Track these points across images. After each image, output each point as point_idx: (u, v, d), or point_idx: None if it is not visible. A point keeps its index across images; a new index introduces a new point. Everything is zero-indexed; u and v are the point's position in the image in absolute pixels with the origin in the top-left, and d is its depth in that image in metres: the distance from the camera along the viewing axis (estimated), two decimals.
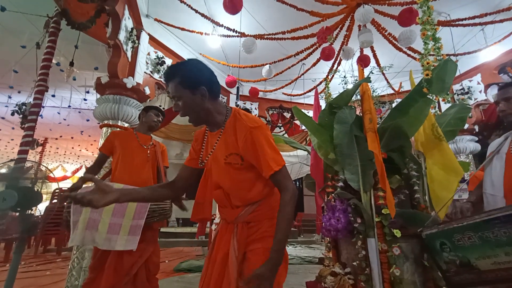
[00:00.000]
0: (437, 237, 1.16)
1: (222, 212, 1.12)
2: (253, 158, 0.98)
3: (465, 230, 1.04)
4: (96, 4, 2.94)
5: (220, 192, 1.07)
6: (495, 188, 1.27)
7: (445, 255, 1.14)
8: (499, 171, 1.29)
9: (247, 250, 1.01)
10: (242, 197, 1.04)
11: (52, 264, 4.32)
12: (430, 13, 1.84)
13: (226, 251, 1.02)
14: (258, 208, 1.03)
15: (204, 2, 4.07)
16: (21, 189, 1.93)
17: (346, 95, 1.97)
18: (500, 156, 1.34)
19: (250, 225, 1.03)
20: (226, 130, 1.02)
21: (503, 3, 3.98)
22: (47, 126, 9.14)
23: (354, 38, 4.26)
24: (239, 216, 1.03)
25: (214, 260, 1.05)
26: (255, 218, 1.03)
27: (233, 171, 1.01)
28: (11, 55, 4.98)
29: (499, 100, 1.37)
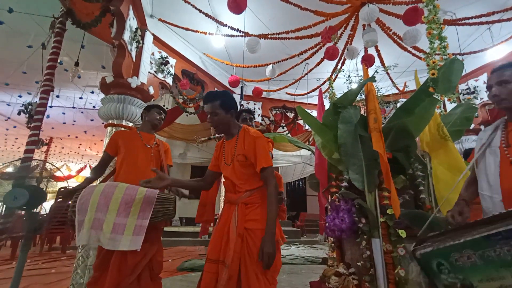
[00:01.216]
0: (433, 256, 1.00)
1: (228, 196, 1.50)
2: (252, 156, 1.43)
3: (463, 248, 0.91)
4: (101, 4, 2.96)
5: (229, 182, 1.49)
6: (492, 189, 1.14)
7: (443, 278, 0.98)
8: (494, 169, 1.16)
9: (248, 227, 1.36)
10: (243, 185, 1.45)
11: (57, 262, 4.37)
12: (436, 12, 1.82)
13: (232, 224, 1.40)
14: (253, 194, 1.44)
15: (208, 2, 4.08)
16: (30, 188, 1.95)
17: (351, 95, 1.96)
18: (493, 150, 1.20)
19: (247, 206, 1.42)
20: (239, 139, 1.50)
21: (510, 2, 3.93)
22: (52, 126, 9.24)
23: (358, 38, 4.24)
24: (240, 198, 1.43)
25: (221, 230, 1.41)
26: (251, 200, 1.43)
27: (239, 166, 1.46)
28: (17, 56, 5.04)
29: (492, 84, 1.20)
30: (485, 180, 1.19)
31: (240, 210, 1.41)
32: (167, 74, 4.42)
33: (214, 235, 1.43)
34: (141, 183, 1.38)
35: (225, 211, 1.49)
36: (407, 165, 1.75)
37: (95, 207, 1.54)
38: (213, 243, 1.40)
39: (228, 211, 1.46)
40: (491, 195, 1.14)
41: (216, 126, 1.50)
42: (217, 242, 1.39)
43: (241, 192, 1.45)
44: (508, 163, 1.11)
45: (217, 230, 1.44)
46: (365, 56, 4.37)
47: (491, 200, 1.14)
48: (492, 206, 1.13)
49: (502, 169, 1.13)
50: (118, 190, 1.62)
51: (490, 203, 1.14)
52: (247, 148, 1.45)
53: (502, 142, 1.17)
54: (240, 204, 1.43)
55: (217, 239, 1.40)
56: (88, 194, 1.59)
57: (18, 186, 2.17)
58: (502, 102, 1.17)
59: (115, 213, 1.55)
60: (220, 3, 4.04)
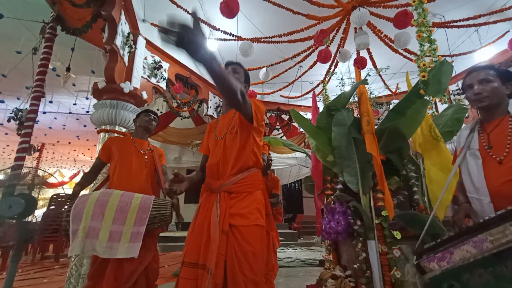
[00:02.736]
0: (443, 279, 0.98)
1: (209, 183, 1.27)
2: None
3: (473, 267, 0.90)
4: (92, 9, 2.94)
5: (213, 163, 1.26)
6: (480, 192, 1.14)
7: None
8: (477, 171, 1.16)
9: (232, 223, 1.12)
10: (229, 166, 1.22)
11: (50, 271, 4.27)
12: (425, 15, 1.86)
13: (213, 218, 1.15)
14: (240, 181, 1.20)
15: (200, 7, 4.08)
16: (25, 196, 1.91)
17: (344, 98, 1.98)
18: (472, 152, 1.20)
19: (231, 196, 1.18)
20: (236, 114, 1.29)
21: (496, 5, 4.03)
22: (43, 132, 9.08)
23: (350, 41, 4.29)
24: (223, 185, 1.19)
25: (200, 226, 1.16)
26: (237, 189, 1.19)
27: (231, 139, 1.24)
28: (6, 61, 4.96)
29: (473, 82, 1.19)
30: (470, 182, 1.19)
31: (223, 200, 1.15)
32: (161, 78, 4.40)
33: (192, 233, 1.17)
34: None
35: (204, 202, 1.22)
36: (401, 167, 1.77)
37: (90, 216, 1.52)
38: (190, 243, 1.15)
39: (207, 201, 1.20)
40: (479, 197, 1.14)
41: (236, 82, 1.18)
42: (195, 242, 1.13)
43: (225, 178, 1.21)
44: (495, 163, 1.11)
45: (195, 226, 1.18)
46: (357, 59, 4.43)
47: (479, 203, 1.14)
48: (481, 209, 1.13)
49: (487, 171, 1.13)
50: (113, 198, 1.60)
51: (479, 205, 1.14)
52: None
53: (483, 144, 1.17)
54: (223, 192, 1.18)
55: (195, 238, 1.14)
56: (83, 202, 1.57)
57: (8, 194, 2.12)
58: (484, 100, 1.17)
59: (111, 221, 1.53)
60: (213, 8, 4.04)
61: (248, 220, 1.14)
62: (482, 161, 1.15)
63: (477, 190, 1.15)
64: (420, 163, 1.86)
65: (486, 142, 1.16)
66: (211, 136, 1.37)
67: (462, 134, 1.32)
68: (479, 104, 1.19)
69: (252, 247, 1.09)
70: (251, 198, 1.20)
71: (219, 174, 1.23)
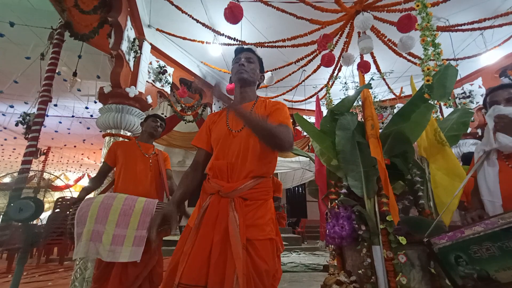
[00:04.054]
0: (452, 250, 1.07)
1: (215, 184, 1.03)
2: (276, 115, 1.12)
3: (482, 240, 0.98)
4: (99, 15, 3.00)
5: (224, 162, 1.06)
6: (493, 195, 1.26)
7: (461, 269, 1.05)
8: (493, 178, 1.29)
9: (249, 238, 0.95)
10: (247, 167, 1.04)
11: (54, 274, 4.29)
12: (429, 19, 1.85)
13: (225, 226, 0.94)
14: (256, 186, 1.04)
15: (205, 12, 4.14)
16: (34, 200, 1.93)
17: (348, 102, 1.98)
18: (491, 161, 1.33)
19: (246, 203, 1.00)
20: (257, 103, 1.20)
21: (502, 8, 4.01)
22: (50, 135, 9.21)
23: (354, 45, 4.30)
24: (238, 189, 1.00)
25: (206, 237, 0.94)
26: (252, 195, 1.02)
27: (251, 137, 1.06)
28: (16, 66, 5.06)
29: (499, 100, 1.32)
30: (485, 187, 1.32)
31: (239, 208, 0.97)
32: (165, 83, 4.45)
33: (193, 246, 0.94)
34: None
35: (211, 208, 1.00)
36: (406, 171, 1.76)
37: (94, 219, 1.53)
38: (191, 259, 0.91)
39: (215, 208, 0.99)
40: (492, 199, 1.27)
41: (247, 71, 1.19)
42: (199, 258, 0.90)
43: (239, 180, 1.02)
44: (511, 171, 1.25)
45: (198, 237, 0.95)
46: (361, 63, 4.43)
47: (492, 205, 1.26)
48: (493, 210, 1.24)
49: (502, 177, 1.26)
50: (117, 201, 1.61)
51: (491, 207, 1.27)
52: (269, 111, 1.14)
53: (501, 154, 1.31)
54: (237, 198, 0.99)
55: (198, 253, 0.91)
56: (87, 205, 1.58)
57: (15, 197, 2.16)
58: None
59: (114, 224, 1.54)
60: (217, 13, 4.10)
61: (263, 233, 0.98)
62: (499, 168, 1.29)
63: (491, 193, 1.28)
64: (425, 167, 1.84)
65: (504, 153, 1.31)
66: (218, 128, 1.14)
67: (481, 144, 1.45)
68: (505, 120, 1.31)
69: (267, 265, 0.94)
70: (267, 206, 1.05)
71: (232, 175, 1.04)
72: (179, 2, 3.78)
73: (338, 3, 3.52)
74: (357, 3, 3.65)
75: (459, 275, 1.06)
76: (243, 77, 1.19)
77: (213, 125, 1.20)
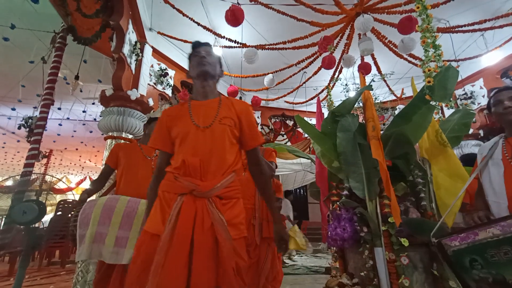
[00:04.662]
0: (467, 253, 1.03)
1: (189, 185, 0.96)
2: (247, 125, 1.11)
3: (501, 244, 0.95)
4: (101, 19, 3.03)
5: (195, 160, 0.98)
6: (498, 196, 1.26)
7: (475, 273, 1.01)
8: (498, 179, 1.28)
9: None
10: (220, 164, 1.01)
11: (56, 277, 4.29)
12: (429, 21, 1.86)
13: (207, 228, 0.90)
14: (231, 184, 1.02)
15: (206, 15, 4.16)
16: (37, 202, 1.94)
17: (349, 103, 1.98)
18: (495, 162, 1.33)
19: (222, 202, 0.98)
20: (223, 101, 1.14)
21: (502, 9, 4.01)
22: (52, 138, 9.25)
23: (354, 46, 4.31)
24: (215, 187, 0.96)
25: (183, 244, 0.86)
26: (227, 194, 1.00)
27: (222, 132, 1.04)
28: (19, 70, 5.10)
29: (504, 98, 1.34)
30: (490, 188, 1.31)
31: (220, 207, 0.95)
32: (166, 85, 4.47)
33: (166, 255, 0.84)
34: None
35: (186, 208, 0.92)
36: (407, 172, 1.75)
37: (97, 221, 1.53)
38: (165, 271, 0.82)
39: (191, 210, 0.91)
40: (497, 200, 1.26)
41: (210, 63, 1.13)
42: (176, 268, 0.83)
43: (214, 179, 0.97)
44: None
45: (174, 244, 0.86)
46: (361, 65, 4.43)
47: (497, 206, 1.26)
48: (498, 211, 1.24)
49: (507, 178, 1.25)
50: (120, 204, 1.61)
51: (496, 208, 1.26)
52: (239, 112, 1.10)
53: (505, 155, 1.31)
54: (215, 198, 0.96)
55: (175, 260, 0.83)
56: (90, 208, 1.59)
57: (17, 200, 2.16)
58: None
59: (117, 227, 1.54)
60: (218, 16, 4.12)
61: (239, 232, 0.98)
62: (504, 169, 1.28)
63: (497, 194, 1.27)
64: (427, 168, 1.84)
65: (509, 154, 1.31)
66: (181, 123, 1.06)
67: (485, 145, 1.46)
68: (508, 117, 1.33)
69: (245, 262, 0.96)
70: (240, 205, 1.05)
71: (205, 173, 0.98)
72: (180, 6, 3.81)
73: (339, 5, 3.54)
74: (358, 5, 3.66)
75: (472, 279, 1.02)
76: (206, 69, 1.12)
77: (172, 121, 1.09)
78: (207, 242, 0.88)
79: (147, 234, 0.95)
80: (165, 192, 1.00)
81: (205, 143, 1.01)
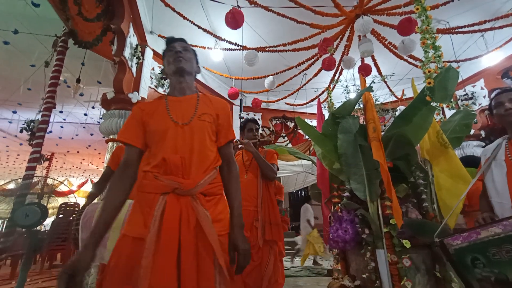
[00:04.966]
0: (469, 251, 1.02)
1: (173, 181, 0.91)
2: (225, 122, 1.10)
3: (502, 242, 0.94)
4: (102, 23, 3.05)
5: (177, 157, 0.94)
6: (501, 196, 1.27)
7: (477, 272, 1.00)
8: (501, 179, 1.29)
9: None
10: (202, 161, 0.98)
11: None
12: (429, 22, 1.86)
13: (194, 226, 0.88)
14: (214, 181, 1.00)
15: (206, 18, 4.18)
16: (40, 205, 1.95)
17: (349, 105, 1.98)
18: (498, 163, 1.34)
19: (206, 198, 0.96)
20: (201, 97, 1.12)
21: (502, 10, 4.02)
22: (54, 141, 9.29)
23: (354, 48, 4.32)
24: (199, 184, 0.93)
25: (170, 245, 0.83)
26: (211, 191, 0.98)
27: (202, 128, 1.01)
28: (21, 74, 5.14)
29: (504, 100, 1.37)
30: (493, 188, 1.32)
31: (205, 204, 0.94)
32: (167, 88, 4.49)
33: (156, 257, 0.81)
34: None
35: (171, 208, 0.88)
36: (409, 174, 1.75)
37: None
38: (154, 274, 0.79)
39: (175, 209, 0.88)
40: (500, 201, 1.27)
41: (186, 59, 1.09)
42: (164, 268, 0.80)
43: (197, 176, 0.95)
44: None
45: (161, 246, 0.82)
46: (361, 66, 4.44)
47: (501, 206, 1.27)
48: (502, 212, 1.25)
49: (510, 179, 1.26)
50: None
51: (500, 209, 1.27)
52: (217, 109, 1.09)
53: (508, 156, 1.32)
54: (199, 195, 0.94)
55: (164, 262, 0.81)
56: (92, 211, 1.59)
57: (19, 203, 2.17)
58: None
59: (118, 230, 1.54)
60: (218, 19, 4.14)
61: (224, 228, 0.97)
62: (506, 170, 1.29)
63: (500, 194, 1.28)
64: (429, 170, 1.83)
65: (511, 154, 1.32)
66: (158, 119, 1.01)
67: (489, 147, 1.47)
68: (509, 119, 1.35)
69: (228, 256, 0.95)
70: (224, 202, 1.03)
71: (188, 170, 0.95)
72: (180, 9, 3.83)
73: (338, 8, 3.55)
74: (357, 7, 3.67)
75: (475, 278, 1.01)
76: (182, 66, 1.08)
77: (147, 116, 1.03)
78: (193, 241, 0.86)
79: (127, 238, 0.90)
80: (145, 193, 0.94)
81: (185, 140, 0.98)
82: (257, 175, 2.08)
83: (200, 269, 0.84)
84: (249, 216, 1.98)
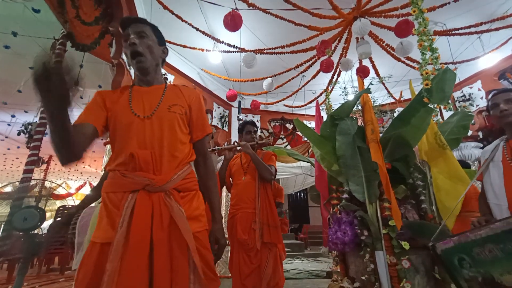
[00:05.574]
0: (455, 252, 1.07)
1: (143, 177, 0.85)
2: (197, 114, 1.04)
3: (485, 242, 0.98)
4: (100, 26, 3.05)
5: (146, 153, 0.88)
6: (498, 197, 1.28)
7: (465, 272, 1.04)
8: (498, 180, 1.31)
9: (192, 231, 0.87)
10: (174, 155, 0.93)
11: (55, 284, 4.25)
12: (425, 24, 1.88)
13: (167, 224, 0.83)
14: (188, 176, 0.95)
15: (205, 20, 4.20)
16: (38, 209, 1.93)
17: (347, 107, 1.99)
18: (496, 164, 1.36)
19: (180, 194, 0.90)
20: (169, 88, 1.05)
21: (498, 12, 4.05)
22: None
23: (352, 50, 4.33)
24: (172, 180, 0.88)
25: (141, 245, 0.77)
26: (185, 186, 0.93)
27: (171, 119, 0.95)
28: (19, 77, 5.12)
29: (499, 102, 1.38)
30: (491, 190, 1.33)
31: (179, 200, 0.88)
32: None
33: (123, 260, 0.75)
34: None
35: (141, 206, 0.82)
36: (407, 175, 1.75)
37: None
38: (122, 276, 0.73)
39: (148, 205, 0.83)
40: (498, 203, 1.28)
41: (142, 54, 0.97)
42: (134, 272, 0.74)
43: (168, 171, 0.89)
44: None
45: (130, 247, 0.76)
46: (359, 68, 4.46)
47: (498, 208, 1.28)
48: (499, 212, 1.26)
49: (507, 180, 1.27)
50: None
51: (497, 210, 1.28)
52: (188, 100, 1.02)
53: (505, 157, 1.33)
54: (172, 191, 0.88)
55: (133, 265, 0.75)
56: (89, 215, 1.58)
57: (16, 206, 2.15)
58: (510, 117, 1.34)
59: None
60: (216, 21, 4.15)
61: (201, 224, 0.93)
62: (503, 171, 1.30)
63: (497, 196, 1.29)
64: (427, 171, 1.84)
65: (509, 156, 1.32)
66: (121, 111, 0.94)
67: (487, 148, 1.49)
68: (505, 120, 1.35)
69: (211, 254, 0.93)
70: (199, 198, 0.98)
71: (159, 166, 0.89)
72: (179, 11, 3.84)
73: (336, 10, 3.57)
74: (355, 9, 3.70)
75: (464, 278, 1.05)
76: (142, 66, 0.98)
77: (112, 104, 0.96)
78: (168, 239, 0.82)
79: (95, 245, 0.82)
80: (110, 193, 0.87)
81: (154, 134, 0.91)
82: (255, 177, 2.08)
83: (174, 269, 0.80)
84: (247, 218, 1.98)
